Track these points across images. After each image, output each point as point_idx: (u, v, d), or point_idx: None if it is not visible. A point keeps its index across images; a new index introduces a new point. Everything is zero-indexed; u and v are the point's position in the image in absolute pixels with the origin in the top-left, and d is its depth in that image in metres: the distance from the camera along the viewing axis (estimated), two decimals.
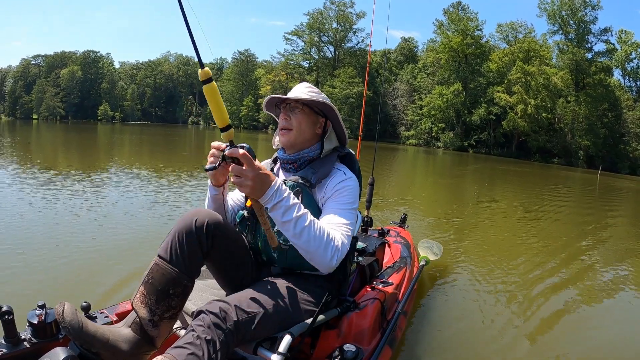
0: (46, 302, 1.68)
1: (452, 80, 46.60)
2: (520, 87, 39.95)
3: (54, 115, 76.73)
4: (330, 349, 1.92)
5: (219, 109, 1.48)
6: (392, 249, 3.69)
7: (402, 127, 52.43)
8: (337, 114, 1.96)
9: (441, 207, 10.30)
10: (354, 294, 2.37)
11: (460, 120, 45.17)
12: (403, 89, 53.80)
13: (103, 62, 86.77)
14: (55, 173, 10.35)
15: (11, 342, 1.57)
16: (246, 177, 1.49)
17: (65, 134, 33.60)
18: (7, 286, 3.62)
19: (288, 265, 1.93)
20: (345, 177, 1.90)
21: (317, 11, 57.30)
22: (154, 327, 1.63)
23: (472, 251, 5.97)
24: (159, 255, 1.69)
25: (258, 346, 1.63)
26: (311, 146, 1.97)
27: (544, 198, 13.55)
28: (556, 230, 8.41)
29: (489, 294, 4.32)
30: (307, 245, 1.64)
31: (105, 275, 3.95)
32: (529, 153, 40.05)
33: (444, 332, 3.38)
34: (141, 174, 11.57)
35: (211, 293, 2.07)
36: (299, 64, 60.36)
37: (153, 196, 8.36)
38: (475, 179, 19.37)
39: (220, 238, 1.76)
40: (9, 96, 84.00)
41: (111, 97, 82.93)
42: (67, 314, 1.52)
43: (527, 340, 3.35)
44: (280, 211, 1.58)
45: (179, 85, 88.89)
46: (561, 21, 42.34)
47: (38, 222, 5.67)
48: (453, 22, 47.72)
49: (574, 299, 4.45)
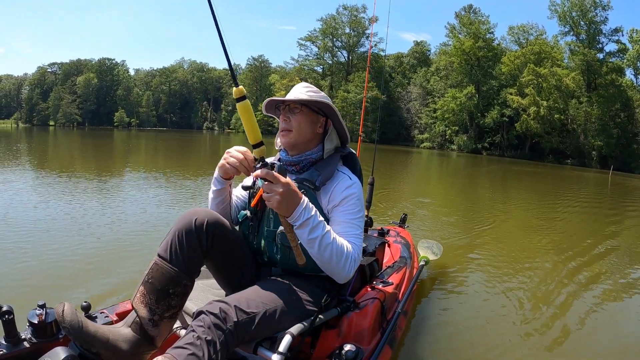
0: (46, 301, 1.68)
1: (465, 83, 47.28)
2: (532, 89, 40.40)
3: (70, 121, 79.14)
4: (330, 348, 1.93)
5: (251, 126, 1.56)
6: (392, 249, 3.71)
7: (415, 130, 53.49)
8: (336, 112, 1.96)
9: (451, 206, 10.50)
10: (354, 293, 2.38)
11: (474, 123, 45.89)
12: (416, 92, 54.87)
13: (118, 70, 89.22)
14: (72, 177, 10.78)
15: (11, 341, 1.58)
16: (275, 192, 1.54)
17: (84, 139, 34.75)
18: (8, 286, 3.67)
19: (290, 267, 1.94)
20: (351, 183, 1.92)
21: (330, 17, 58.92)
22: (154, 326, 1.65)
23: (473, 251, 6.06)
24: (158, 254, 1.72)
25: (258, 346, 1.65)
26: (314, 147, 1.99)
27: (551, 197, 13.85)
28: (559, 229, 8.40)
29: (490, 293, 4.36)
30: (329, 260, 1.71)
31: (106, 275, 4.02)
32: (542, 154, 40.64)
33: (444, 331, 3.41)
34: (155, 177, 12.00)
35: (211, 293, 2.09)
36: (313, 69, 61.96)
37: (164, 197, 8.66)
38: (487, 179, 19.94)
39: (219, 237, 1.80)
40: (25, 103, 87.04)
41: (127, 104, 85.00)
42: (67, 314, 1.54)
43: (527, 340, 3.35)
44: (307, 229, 1.64)
45: (194, 91, 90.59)
46: (572, 22, 42.91)
47: (41, 222, 5.80)
48: (465, 26, 48.65)
49: (576, 300, 4.43)
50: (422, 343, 3.17)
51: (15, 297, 3.43)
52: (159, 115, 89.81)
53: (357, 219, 1.87)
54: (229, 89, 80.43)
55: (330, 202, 1.88)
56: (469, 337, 3.37)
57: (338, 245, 1.71)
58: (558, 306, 4.13)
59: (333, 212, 1.87)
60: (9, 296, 3.43)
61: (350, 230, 1.82)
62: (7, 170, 11.66)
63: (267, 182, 1.55)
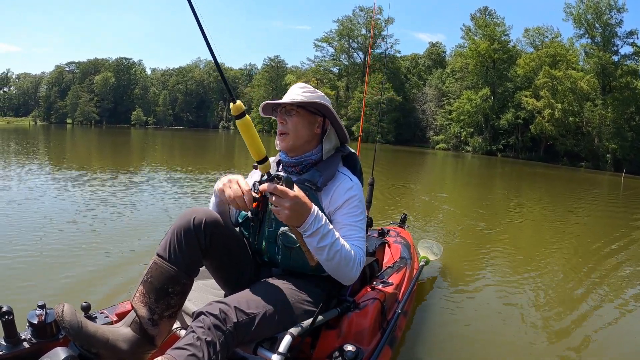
0: (46, 302, 1.69)
1: (481, 85, 47.67)
2: (547, 92, 40.55)
3: (88, 119, 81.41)
4: (330, 349, 1.94)
5: (254, 142, 1.54)
6: (392, 249, 3.71)
7: (431, 131, 54.23)
8: (333, 112, 1.96)
9: (458, 207, 10.74)
10: (354, 294, 2.39)
11: (489, 125, 46.33)
12: (432, 93, 55.62)
13: (135, 69, 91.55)
14: (91, 172, 11.34)
15: (11, 342, 1.59)
16: (284, 207, 1.52)
17: (103, 137, 36.02)
18: (7, 286, 3.70)
19: (291, 267, 1.95)
20: (352, 185, 1.93)
21: (347, 18, 59.84)
22: (153, 326, 1.66)
23: (473, 251, 6.13)
24: (157, 253, 1.73)
25: (258, 346, 1.66)
26: (313, 149, 1.99)
27: (558, 198, 14.02)
28: (559, 229, 8.51)
29: (490, 294, 4.39)
30: (337, 266, 1.72)
31: (106, 276, 4.06)
32: (557, 157, 40.88)
33: (444, 331, 3.43)
34: (171, 175, 12.47)
35: (211, 293, 2.10)
36: (329, 69, 63.18)
37: (177, 194, 8.91)
38: (502, 181, 20.35)
39: (218, 236, 1.80)
40: (43, 101, 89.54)
41: (144, 103, 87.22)
42: (67, 314, 1.55)
43: (528, 341, 3.37)
44: (317, 237, 1.63)
45: (210, 90, 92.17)
46: (587, 25, 42.77)
47: (42, 221, 5.86)
48: (480, 28, 48.96)
49: (578, 299, 4.44)
50: (422, 343, 3.21)
51: (15, 297, 3.46)
52: (176, 114, 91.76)
53: (360, 221, 1.90)
54: (244, 89, 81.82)
55: (332, 204, 1.90)
56: (469, 337, 3.41)
57: (346, 250, 1.73)
58: (559, 307, 4.12)
59: (335, 215, 1.89)
60: (8, 296, 3.47)
61: (354, 233, 1.85)
62: (33, 166, 12.48)
63: (274, 196, 1.53)
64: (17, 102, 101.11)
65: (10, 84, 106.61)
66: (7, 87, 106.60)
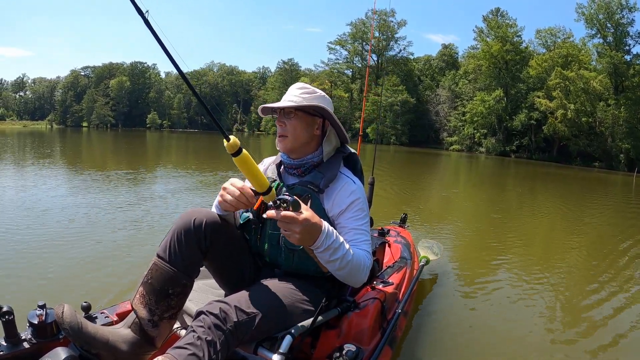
0: (47, 302, 1.69)
1: (494, 86, 48.07)
2: (559, 92, 40.93)
3: (104, 123, 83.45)
4: (331, 348, 1.94)
5: (254, 175, 1.54)
6: (392, 249, 3.71)
7: (444, 133, 54.78)
8: (331, 113, 1.95)
9: (465, 207, 10.85)
10: (354, 294, 2.39)
11: (502, 126, 46.78)
12: (445, 95, 56.15)
13: (150, 73, 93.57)
14: (108, 172, 11.54)
15: (11, 342, 1.60)
16: (294, 232, 1.52)
17: (119, 140, 36.88)
18: (8, 286, 3.72)
19: (293, 269, 1.95)
20: (355, 187, 1.94)
21: (360, 21, 60.98)
22: (153, 327, 1.67)
23: (474, 251, 6.15)
24: (157, 255, 1.74)
25: (258, 346, 1.66)
26: (314, 150, 1.99)
27: (565, 198, 14.01)
28: (560, 230, 8.51)
29: (490, 293, 4.36)
30: (348, 274, 1.75)
31: (108, 276, 4.07)
32: (570, 157, 41.12)
33: (444, 331, 3.42)
34: (185, 176, 12.52)
35: (211, 293, 2.12)
36: (343, 72, 64.26)
37: (190, 194, 8.97)
38: (516, 180, 20.65)
39: (218, 237, 1.81)
40: (59, 105, 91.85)
41: (158, 106, 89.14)
42: (67, 315, 1.56)
43: (529, 342, 3.35)
44: (328, 253, 1.64)
45: (224, 94, 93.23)
46: (599, 25, 43.18)
47: (43, 221, 5.94)
48: (492, 29, 49.38)
49: (580, 299, 4.41)
50: (422, 343, 3.20)
51: (15, 297, 3.48)
52: (190, 117, 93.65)
53: (365, 224, 1.91)
54: (258, 92, 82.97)
55: (335, 207, 1.90)
56: (469, 336, 3.40)
57: (356, 259, 1.73)
58: (560, 308, 4.11)
59: (340, 219, 1.89)
60: (8, 296, 3.48)
61: (360, 237, 1.86)
62: (54, 168, 12.93)
63: (283, 222, 1.52)
64: (32, 106, 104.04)
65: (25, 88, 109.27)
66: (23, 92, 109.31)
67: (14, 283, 3.81)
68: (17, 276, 3.96)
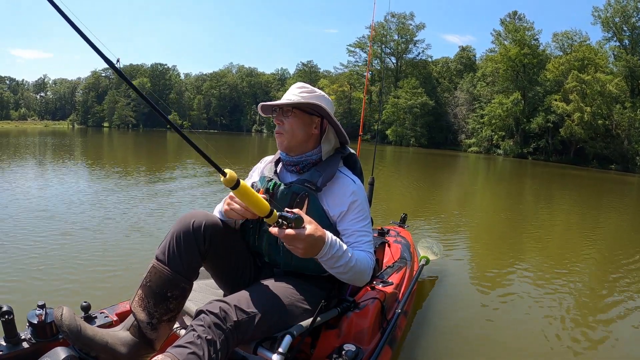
0: (46, 301, 1.70)
1: (511, 89, 49.02)
2: (576, 95, 41.24)
3: (125, 123, 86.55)
4: (330, 348, 1.96)
5: (255, 204, 1.51)
6: (392, 249, 3.73)
7: (462, 134, 55.86)
8: (328, 112, 1.95)
9: (472, 207, 10.99)
10: (354, 294, 2.41)
11: (519, 128, 47.60)
12: (463, 97, 57.18)
13: (170, 74, 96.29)
14: (128, 172, 11.86)
15: (11, 342, 1.61)
16: (297, 247, 1.54)
17: (141, 140, 37.94)
18: (7, 286, 3.73)
19: (293, 269, 1.97)
20: (355, 187, 1.95)
21: (379, 24, 61.97)
22: (152, 330, 1.69)
23: (474, 251, 6.14)
24: (156, 257, 1.76)
25: (258, 346, 1.67)
26: (313, 149, 2.00)
27: (588, 199, 14.34)
28: (569, 228, 8.63)
29: (490, 293, 4.35)
30: (352, 277, 1.78)
31: (108, 276, 4.08)
32: (587, 160, 41.48)
33: (444, 331, 3.43)
34: (201, 175, 12.70)
35: (211, 293, 2.14)
36: (362, 74, 65.41)
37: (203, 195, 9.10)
38: (532, 180, 21.27)
39: (217, 239, 1.83)
40: (80, 106, 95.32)
41: (179, 107, 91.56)
42: (66, 317, 1.58)
43: (530, 342, 3.36)
44: (332, 261, 1.67)
45: (243, 95, 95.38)
46: (615, 28, 43.99)
47: (42, 220, 5.93)
48: (510, 32, 50.30)
49: (579, 299, 4.38)
50: (422, 343, 3.20)
51: (15, 297, 3.47)
52: (210, 118, 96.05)
53: (366, 225, 1.94)
54: (277, 93, 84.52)
55: (336, 207, 1.92)
56: (469, 336, 3.40)
57: (359, 263, 1.77)
58: (560, 307, 4.08)
59: (342, 221, 1.92)
60: (8, 296, 3.48)
61: (362, 239, 1.89)
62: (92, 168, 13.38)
63: (287, 239, 1.52)
64: (53, 106, 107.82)
65: (47, 89, 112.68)
66: (44, 92, 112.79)
67: (14, 283, 3.82)
68: (17, 276, 3.96)
